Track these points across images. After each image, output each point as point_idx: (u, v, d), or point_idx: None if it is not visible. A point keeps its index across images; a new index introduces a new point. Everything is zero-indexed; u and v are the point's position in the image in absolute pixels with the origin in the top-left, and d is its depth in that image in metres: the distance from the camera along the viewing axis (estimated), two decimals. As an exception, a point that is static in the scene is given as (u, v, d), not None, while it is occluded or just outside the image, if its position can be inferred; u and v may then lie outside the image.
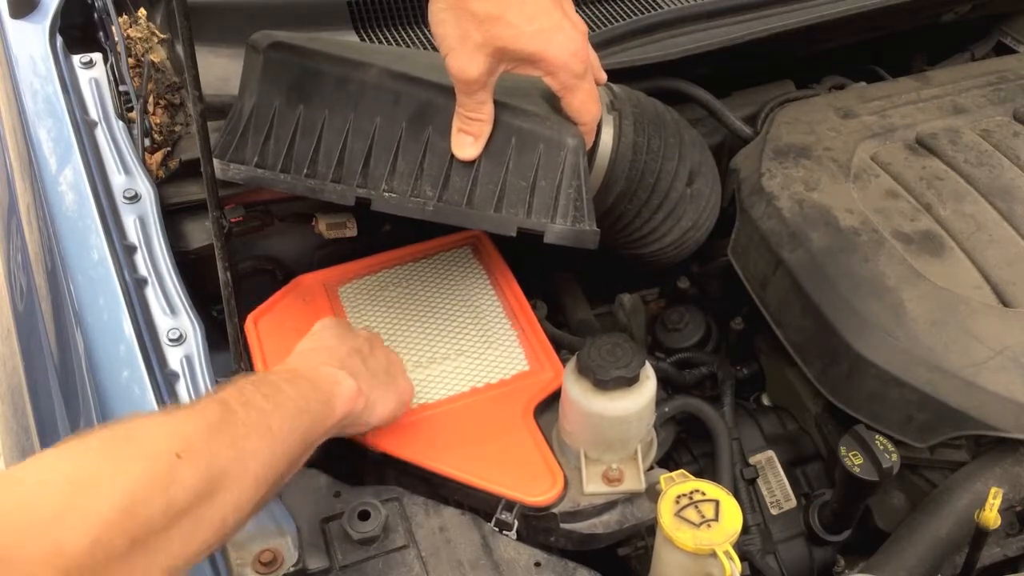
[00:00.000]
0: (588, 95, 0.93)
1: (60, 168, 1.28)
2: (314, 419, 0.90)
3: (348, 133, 0.98)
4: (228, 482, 0.76)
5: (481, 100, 0.91)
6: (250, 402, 0.83)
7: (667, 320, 1.41)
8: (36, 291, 1.25)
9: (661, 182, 1.21)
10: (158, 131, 1.31)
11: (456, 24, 0.86)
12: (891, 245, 1.17)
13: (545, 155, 0.93)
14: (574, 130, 0.96)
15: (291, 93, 1.00)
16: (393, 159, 0.97)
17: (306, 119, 0.99)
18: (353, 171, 0.98)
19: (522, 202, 0.94)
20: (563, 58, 0.89)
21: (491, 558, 0.97)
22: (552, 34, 0.88)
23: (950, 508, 1.06)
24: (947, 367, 1.06)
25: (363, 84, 0.97)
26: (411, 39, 1.46)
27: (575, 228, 0.94)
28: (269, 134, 1.01)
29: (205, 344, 1.08)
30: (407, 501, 1.01)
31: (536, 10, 0.87)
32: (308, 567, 0.94)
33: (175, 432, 0.75)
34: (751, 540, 1.18)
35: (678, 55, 1.36)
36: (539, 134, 0.94)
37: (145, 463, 0.70)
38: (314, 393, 0.92)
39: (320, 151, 0.99)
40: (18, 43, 1.48)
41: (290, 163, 1.01)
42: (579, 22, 0.91)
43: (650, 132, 1.19)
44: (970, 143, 1.30)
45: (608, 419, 1.02)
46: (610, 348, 1.02)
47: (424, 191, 0.96)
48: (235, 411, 0.81)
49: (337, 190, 0.98)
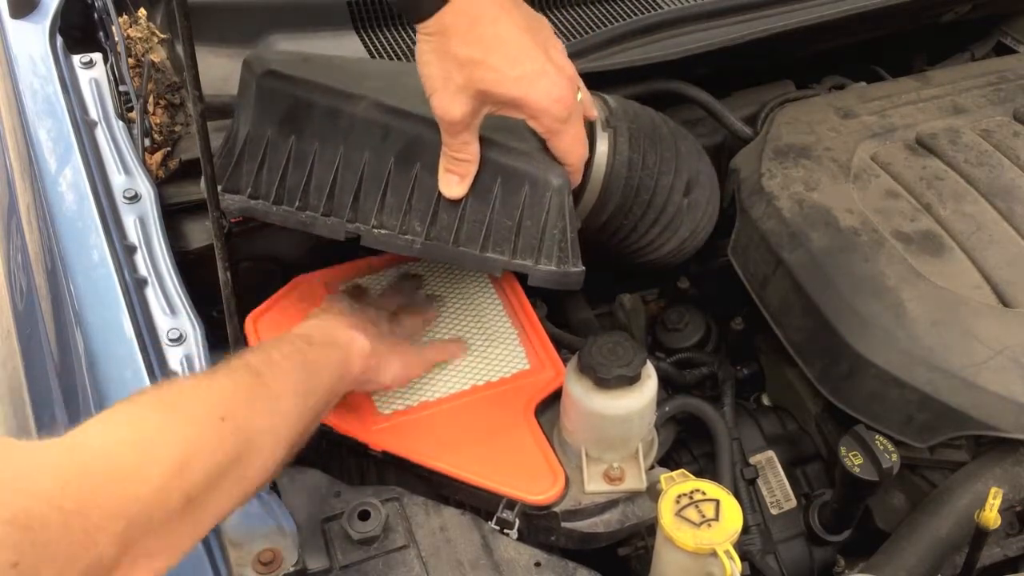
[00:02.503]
0: (573, 138, 0.93)
1: (60, 168, 1.28)
2: (333, 375, 0.95)
3: (339, 166, 0.99)
4: (263, 443, 0.81)
5: (465, 140, 0.91)
6: (276, 364, 0.88)
7: (667, 320, 1.41)
8: (36, 291, 1.25)
9: (657, 197, 1.21)
10: (158, 131, 1.31)
11: (439, 66, 0.87)
12: (891, 245, 1.17)
13: (530, 195, 0.93)
14: (560, 170, 0.95)
15: (283, 123, 1.01)
16: (382, 193, 0.98)
17: (298, 150, 1.00)
18: (344, 204, 0.99)
19: (508, 241, 0.95)
20: (546, 104, 0.89)
21: (491, 558, 0.97)
22: (535, 79, 0.87)
23: (950, 508, 1.06)
24: (947, 367, 1.06)
25: (353, 117, 0.97)
26: (411, 39, 1.46)
27: (559, 271, 0.95)
28: (263, 163, 1.01)
29: (205, 344, 1.08)
30: (407, 501, 1.01)
31: (519, 55, 0.86)
32: (308, 567, 0.93)
33: (218, 398, 0.80)
34: (751, 540, 1.18)
35: (678, 55, 1.36)
36: (525, 173, 0.94)
37: (194, 427, 0.76)
38: (332, 351, 0.96)
39: (312, 182, 1.00)
40: (18, 43, 1.48)
41: (283, 194, 1.02)
42: (565, 66, 0.91)
43: (645, 147, 1.19)
44: (970, 143, 1.30)
45: (609, 418, 1.03)
46: (611, 347, 1.02)
47: (413, 226, 0.97)
48: (263, 375, 0.85)
49: (328, 224, 1.00)
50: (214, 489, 0.76)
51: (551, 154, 0.97)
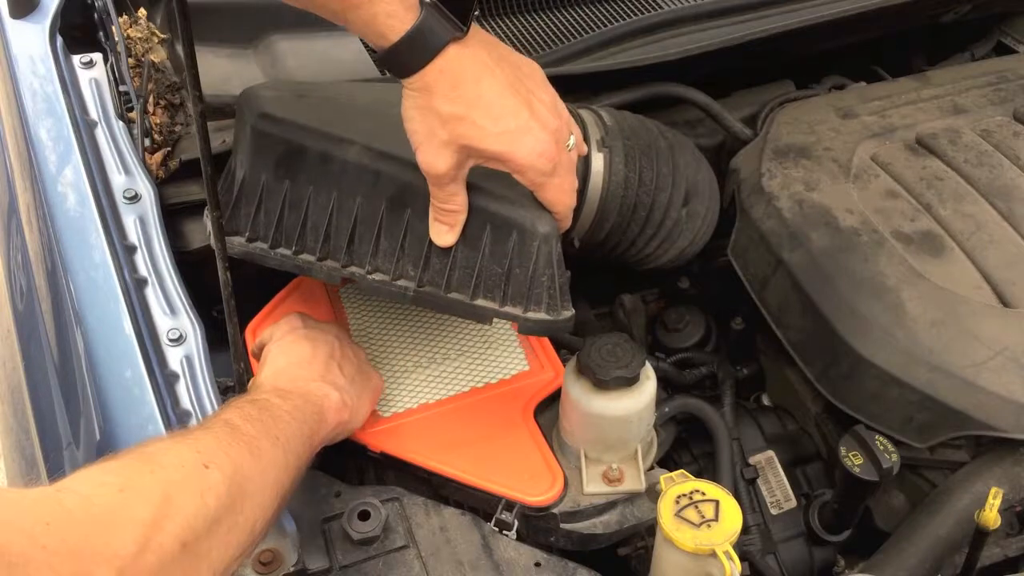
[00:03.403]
0: (558, 189, 0.93)
1: (60, 168, 1.27)
2: (311, 428, 0.94)
3: (333, 210, 0.99)
4: (253, 488, 0.80)
5: (452, 192, 0.91)
6: (251, 418, 0.87)
7: (667, 320, 1.41)
8: (36, 291, 1.25)
9: (654, 213, 1.22)
10: (158, 131, 1.30)
11: (423, 121, 0.87)
12: (891, 245, 1.17)
13: (519, 244, 0.94)
14: (548, 218, 0.95)
15: (278, 168, 1.01)
16: (376, 238, 0.99)
17: (293, 194, 1.01)
18: (340, 247, 1.00)
19: (498, 288, 0.96)
20: (530, 159, 0.89)
21: (491, 558, 0.97)
22: (518, 135, 0.88)
23: (950, 508, 1.06)
24: (947, 367, 1.06)
25: (344, 163, 0.98)
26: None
27: (547, 319, 0.96)
28: (259, 206, 1.02)
29: (205, 344, 1.08)
30: (407, 501, 1.01)
31: (502, 111, 0.87)
32: (308, 567, 0.93)
33: (197, 447, 0.79)
34: (751, 540, 1.18)
35: (678, 55, 1.36)
36: (513, 222, 0.94)
37: (178, 472, 0.75)
38: (306, 405, 0.96)
39: (307, 226, 1.01)
40: (18, 43, 1.48)
41: (280, 237, 1.03)
42: (548, 119, 0.91)
43: (642, 165, 1.20)
44: (970, 143, 1.30)
45: (608, 419, 1.02)
46: (610, 348, 1.03)
47: (406, 270, 0.98)
48: (241, 427, 0.85)
49: (324, 270, 1.01)
50: (210, 535, 0.74)
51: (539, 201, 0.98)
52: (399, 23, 0.83)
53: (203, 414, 1.03)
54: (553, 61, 1.41)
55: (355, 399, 1.03)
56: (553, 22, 1.52)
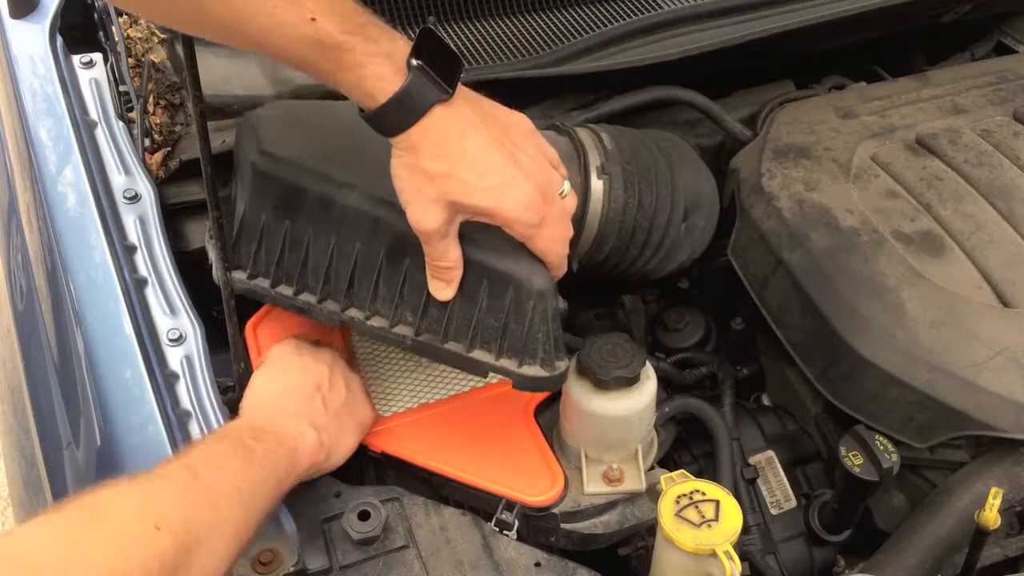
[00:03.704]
0: (549, 239, 0.94)
1: (60, 168, 1.27)
2: (280, 475, 0.92)
3: (332, 253, 1.00)
4: (205, 547, 0.78)
5: (445, 248, 0.92)
6: (218, 464, 0.85)
7: (667, 320, 1.40)
8: (36, 291, 1.25)
9: (653, 236, 1.23)
10: (158, 131, 1.31)
11: (411, 180, 0.88)
12: (891, 245, 1.17)
13: (515, 299, 0.95)
14: (543, 272, 0.96)
15: (277, 208, 1.01)
16: (375, 283, 0.99)
17: (293, 234, 1.01)
18: (340, 289, 1.00)
19: (494, 341, 0.96)
20: (516, 213, 0.90)
21: (491, 558, 0.97)
22: (504, 190, 0.89)
23: (950, 508, 1.06)
24: (947, 367, 1.06)
25: (344, 208, 0.98)
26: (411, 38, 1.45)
27: (541, 375, 0.96)
28: (260, 244, 1.02)
29: (205, 344, 1.08)
30: (407, 501, 1.01)
31: (487, 167, 0.88)
32: (308, 567, 0.94)
33: (149, 504, 0.76)
34: (751, 540, 1.18)
35: (678, 55, 1.36)
36: (509, 278, 0.94)
37: (126, 541, 0.72)
38: (279, 447, 0.94)
39: (308, 267, 1.01)
40: (18, 43, 1.48)
41: (281, 276, 1.03)
42: (534, 172, 0.91)
43: (642, 189, 1.20)
44: (970, 143, 1.30)
45: (608, 419, 1.03)
46: (610, 348, 1.03)
47: (405, 316, 0.99)
48: (203, 476, 0.83)
49: (324, 312, 1.01)
50: None
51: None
52: (387, 85, 0.85)
53: (203, 414, 1.03)
54: (553, 61, 1.41)
55: (334, 437, 1.01)
56: (553, 22, 1.52)
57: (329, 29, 0.82)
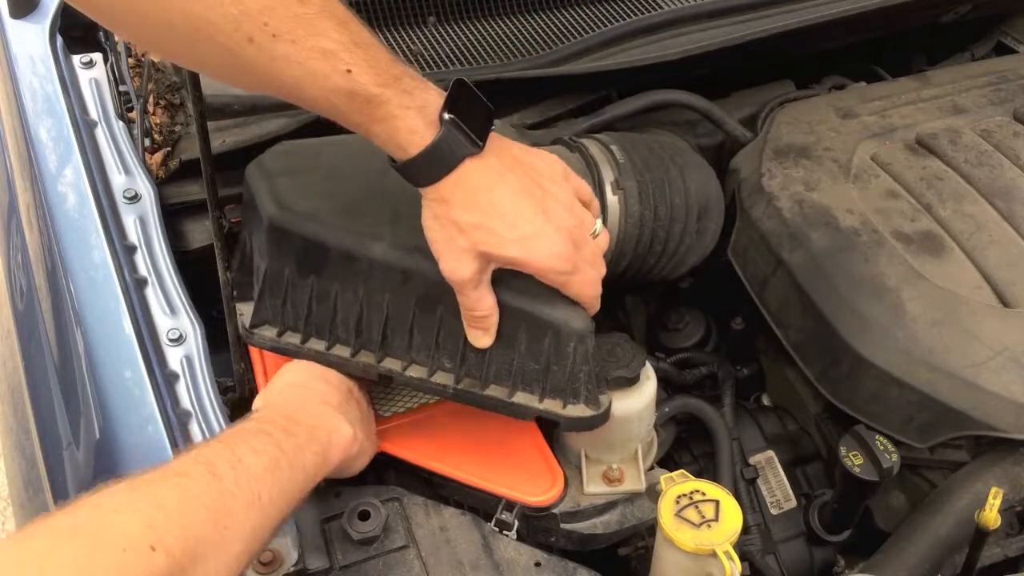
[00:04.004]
0: (582, 284, 0.94)
1: (60, 168, 1.27)
2: (308, 475, 0.89)
3: (362, 305, 0.98)
4: (204, 567, 0.74)
5: (479, 297, 0.92)
6: (241, 462, 0.81)
7: (667, 320, 1.41)
8: (36, 291, 1.25)
9: (669, 244, 1.24)
10: (158, 131, 1.30)
11: (442, 231, 0.89)
12: (891, 245, 1.17)
13: (554, 343, 0.94)
14: (581, 314, 0.95)
15: (301, 264, 0.99)
16: (409, 333, 0.98)
17: (319, 289, 0.99)
18: (373, 340, 0.99)
19: (537, 383, 0.96)
20: (548, 262, 0.91)
21: (491, 558, 0.97)
22: (534, 241, 0.89)
23: (950, 508, 1.06)
24: (947, 367, 1.06)
25: (371, 261, 0.96)
26: (411, 38, 1.46)
27: (588, 414, 0.96)
28: (286, 300, 1.00)
29: (205, 344, 1.08)
30: (407, 501, 1.01)
31: (517, 217, 0.89)
32: (308, 567, 0.93)
33: (148, 520, 0.72)
34: (751, 540, 1.18)
35: (678, 55, 1.36)
36: (547, 323, 0.94)
37: (117, 558, 0.69)
38: (311, 444, 0.90)
39: (338, 319, 0.99)
40: (18, 43, 1.48)
41: (311, 331, 1.00)
42: (563, 220, 0.91)
43: (656, 200, 1.21)
44: (970, 143, 1.30)
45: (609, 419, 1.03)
46: (610, 348, 1.03)
47: (443, 363, 0.98)
48: (222, 477, 0.79)
49: (360, 366, 0.99)
50: None
51: None
52: (419, 139, 0.85)
53: (203, 414, 1.03)
54: (553, 61, 1.41)
55: (363, 439, 0.99)
56: (553, 22, 1.52)
57: (364, 81, 0.82)
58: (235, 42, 0.79)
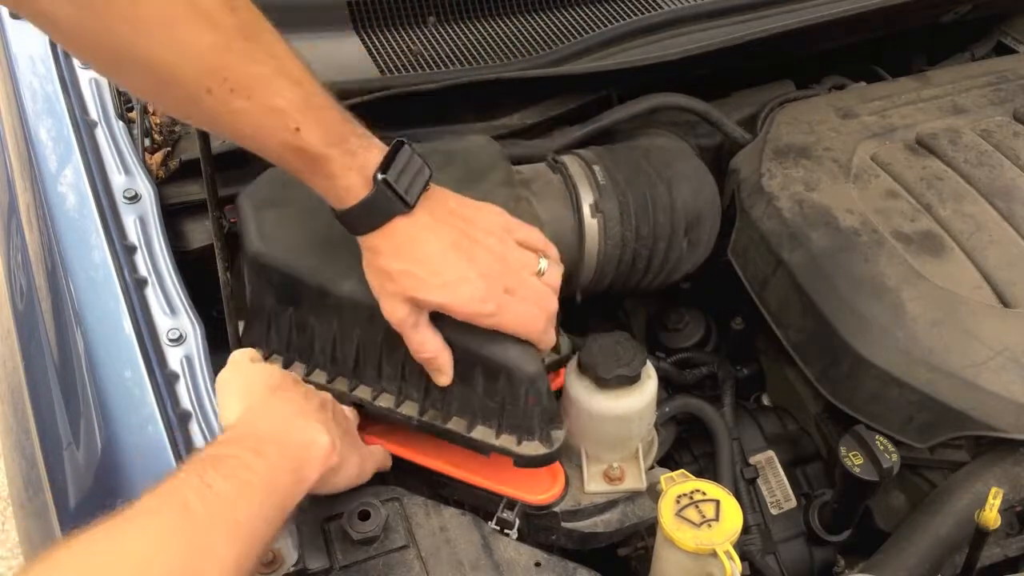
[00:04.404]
0: (515, 323, 0.96)
1: (60, 168, 1.28)
2: (284, 495, 0.87)
3: (335, 336, 1.01)
4: None
5: (421, 339, 0.95)
6: (212, 490, 0.79)
7: (667, 320, 1.41)
8: (36, 291, 1.25)
9: (654, 260, 1.25)
10: (158, 131, 1.30)
11: (375, 277, 0.95)
12: (891, 245, 1.17)
13: (508, 385, 0.96)
14: (532, 358, 0.97)
15: (280, 296, 1.02)
16: (378, 365, 1.01)
17: (298, 319, 1.02)
18: (347, 367, 1.02)
19: (494, 420, 0.99)
20: (471, 306, 0.93)
21: (491, 558, 0.97)
22: (457, 286, 0.93)
23: (950, 508, 1.06)
24: (947, 367, 1.06)
25: (340, 299, 0.99)
26: (411, 38, 1.46)
27: (541, 452, 0.98)
28: (269, 326, 1.04)
29: (205, 344, 1.08)
30: (407, 501, 1.01)
31: (441, 265, 0.93)
32: (308, 567, 0.93)
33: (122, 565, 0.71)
34: (751, 540, 1.18)
35: (678, 55, 1.36)
36: (500, 365, 0.96)
37: None
38: (284, 463, 0.88)
39: (316, 347, 1.03)
40: (18, 43, 1.48)
41: (293, 355, 1.04)
42: (490, 267, 0.94)
43: (638, 220, 1.21)
44: (970, 143, 1.30)
45: (609, 418, 1.03)
46: (611, 346, 1.03)
47: (411, 393, 1.01)
48: (195, 510, 0.77)
49: (335, 392, 1.03)
50: None
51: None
52: (354, 196, 0.90)
53: (203, 414, 1.03)
54: (553, 61, 1.41)
55: (346, 450, 0.95)
56: (553, 22, 1.52)
57: (311, 140, 0.87)
58: (196, 92, 0.84)
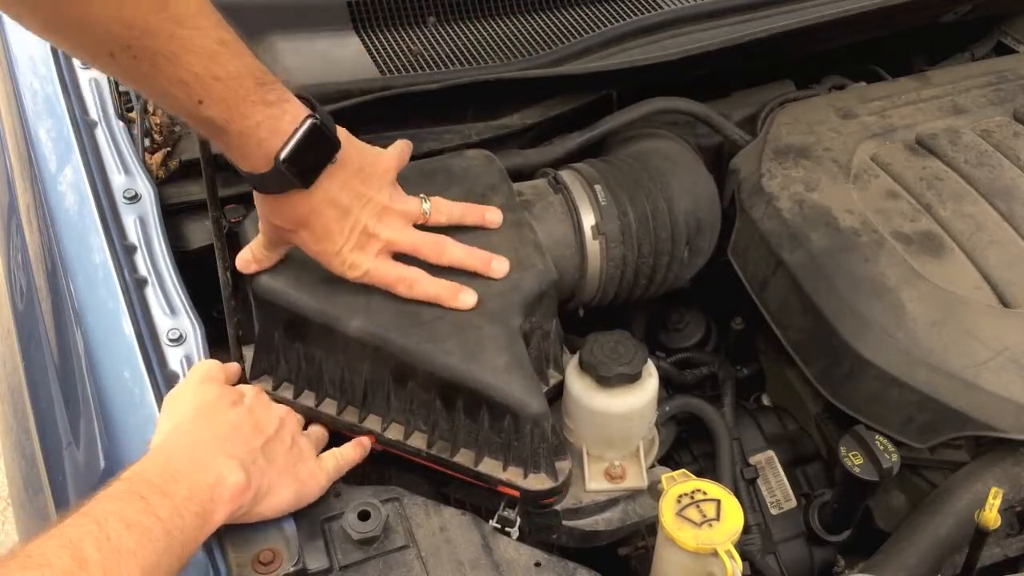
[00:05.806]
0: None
1: (60, 168, 1.28)
2: (187, 539, 0.83)
3: (344, 370, 1.02)
4: None
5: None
6: (110, 540, 0.75)
7: (667, 320, 1.41)
8: (36, 291, 1.25)
9: (656, 275, 1.26)
10: (158, 131, 1.30)
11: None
12: (891, 245, 1.17)
13: (512, 423, 0.97)
14: (537, 398, 0.98)
15: (287, 330, 1.03)
16: (387, 398, 1.02)
17: (305, 352, 1.03)
18: (357, 400, 1.03)
19: (500, 454, 1.00)
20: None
21: (491, 558, 0.97)
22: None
23: (950, 508, 1.06)
24: (947, 368, 1.06)
25: (346, 337, 1.00)
26: (411, 38, 1.46)
27: (548, 486, 0.99)
28: (278, 357, 1.05)
29: (205, 344, 1.08)
30: (407, 501, 1.01)
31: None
32: (308, 567, 0.93)
33: None
34: (751, 540, 1.18)
35: (678, 55, 1.36)
36: (505, 405, 0.97)
37: None
38: (189, 505, 0.84)
39: (324, 379, 1.04)
40: (18, 43, 1.48)
41: (302, 387, 1.05)
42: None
43: (640, 238, 1.22)
44: (970, 143, 1.30)
45: (611, 416, 1.03)
46: (612, 345, 1.03)
47: (419, 425, 1.02)
48: (88, 563, 0.73)
49: (345, 423, 1.04)
50: None
51: (532, 366, 1.01)
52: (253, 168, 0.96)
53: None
54: (553, 61, 1.41)
55: (275, 477, 0.93)
56: (553, 22, 1.52)
57: (212, 114, 0.91)
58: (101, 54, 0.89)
